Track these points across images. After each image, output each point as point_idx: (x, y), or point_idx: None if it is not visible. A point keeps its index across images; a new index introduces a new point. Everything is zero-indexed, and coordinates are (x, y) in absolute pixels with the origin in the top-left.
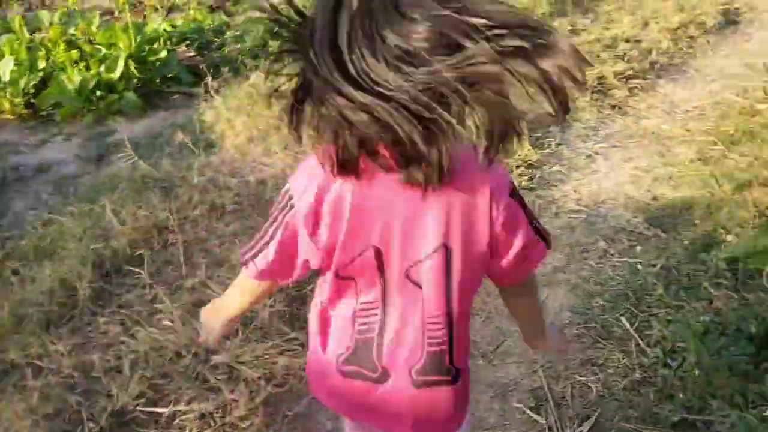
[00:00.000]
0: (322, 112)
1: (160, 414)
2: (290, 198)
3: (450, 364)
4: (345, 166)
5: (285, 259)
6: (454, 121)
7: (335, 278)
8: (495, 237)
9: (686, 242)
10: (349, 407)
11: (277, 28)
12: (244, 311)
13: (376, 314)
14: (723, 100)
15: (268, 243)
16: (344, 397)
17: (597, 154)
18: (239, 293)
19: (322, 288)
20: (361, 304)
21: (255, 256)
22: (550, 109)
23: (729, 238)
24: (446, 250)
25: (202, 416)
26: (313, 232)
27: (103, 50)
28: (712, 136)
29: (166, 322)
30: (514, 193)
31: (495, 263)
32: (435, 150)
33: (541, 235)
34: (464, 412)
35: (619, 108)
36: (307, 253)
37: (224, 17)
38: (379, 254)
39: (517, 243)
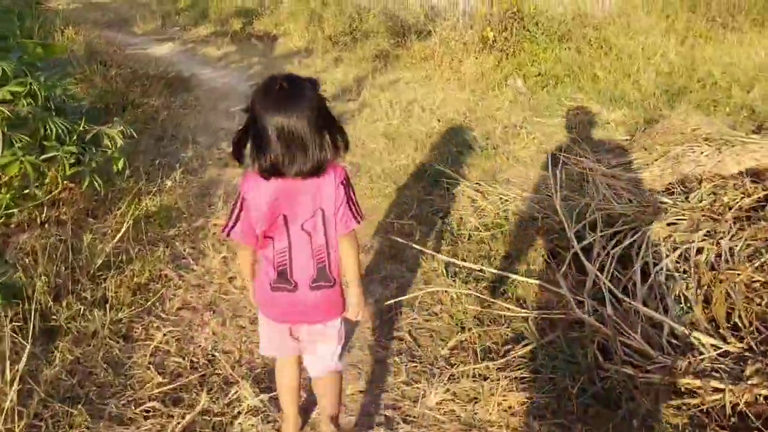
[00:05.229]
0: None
1: None
2: (241, 194)
3: (330, 274)
4: (268, 174)
5: (246, 227)
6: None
7: (264, 237)
8: (335, 203)
9: None
10: (278, 311)
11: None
12: (251, 270)
13: (286, 254)
14: None
15: (236, 221)
16: (275, 303)
17: None
18: (242, 261)
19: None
20: (277, 250)
21: (232, 227)
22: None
23: None
24: (321, 211)
25: None
26: (253, 209)
27: None
28: None
29: None
30: (346, 181)
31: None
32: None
33: (354, 213)
34: (340, 309)
35: None
36: (255, 221)
37: None
38: (285, 218)
39: (342, 211)
